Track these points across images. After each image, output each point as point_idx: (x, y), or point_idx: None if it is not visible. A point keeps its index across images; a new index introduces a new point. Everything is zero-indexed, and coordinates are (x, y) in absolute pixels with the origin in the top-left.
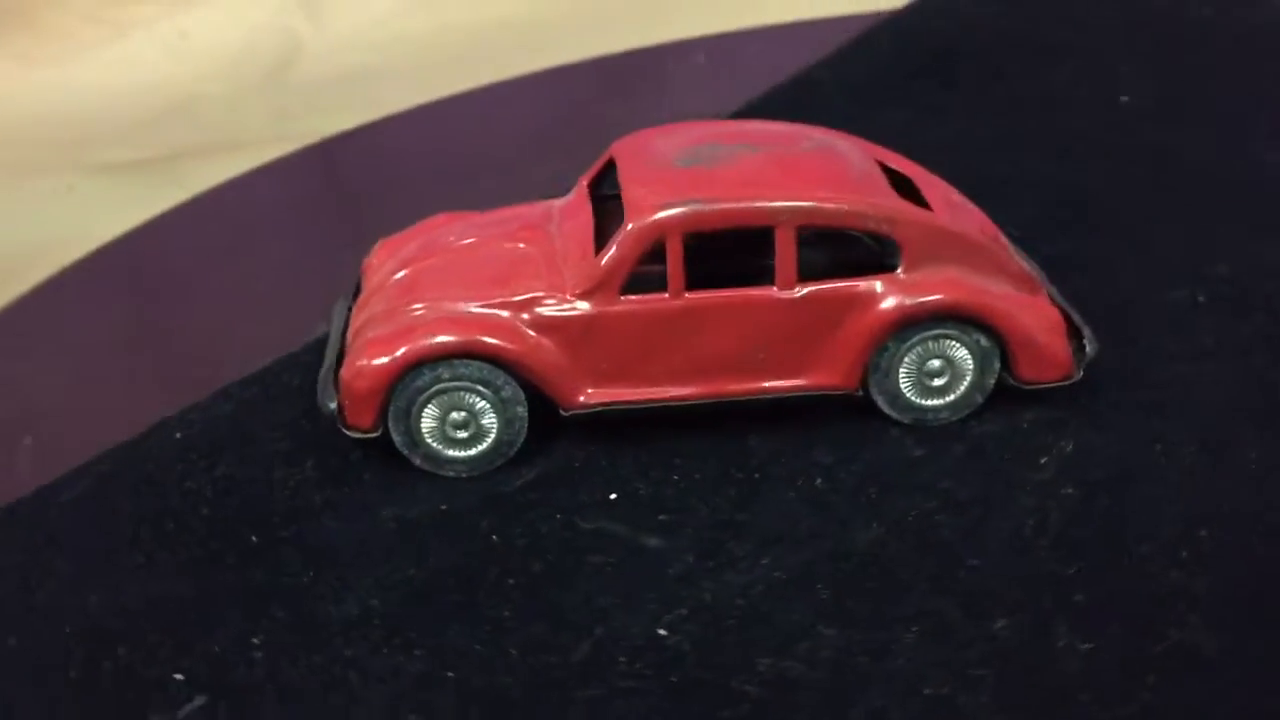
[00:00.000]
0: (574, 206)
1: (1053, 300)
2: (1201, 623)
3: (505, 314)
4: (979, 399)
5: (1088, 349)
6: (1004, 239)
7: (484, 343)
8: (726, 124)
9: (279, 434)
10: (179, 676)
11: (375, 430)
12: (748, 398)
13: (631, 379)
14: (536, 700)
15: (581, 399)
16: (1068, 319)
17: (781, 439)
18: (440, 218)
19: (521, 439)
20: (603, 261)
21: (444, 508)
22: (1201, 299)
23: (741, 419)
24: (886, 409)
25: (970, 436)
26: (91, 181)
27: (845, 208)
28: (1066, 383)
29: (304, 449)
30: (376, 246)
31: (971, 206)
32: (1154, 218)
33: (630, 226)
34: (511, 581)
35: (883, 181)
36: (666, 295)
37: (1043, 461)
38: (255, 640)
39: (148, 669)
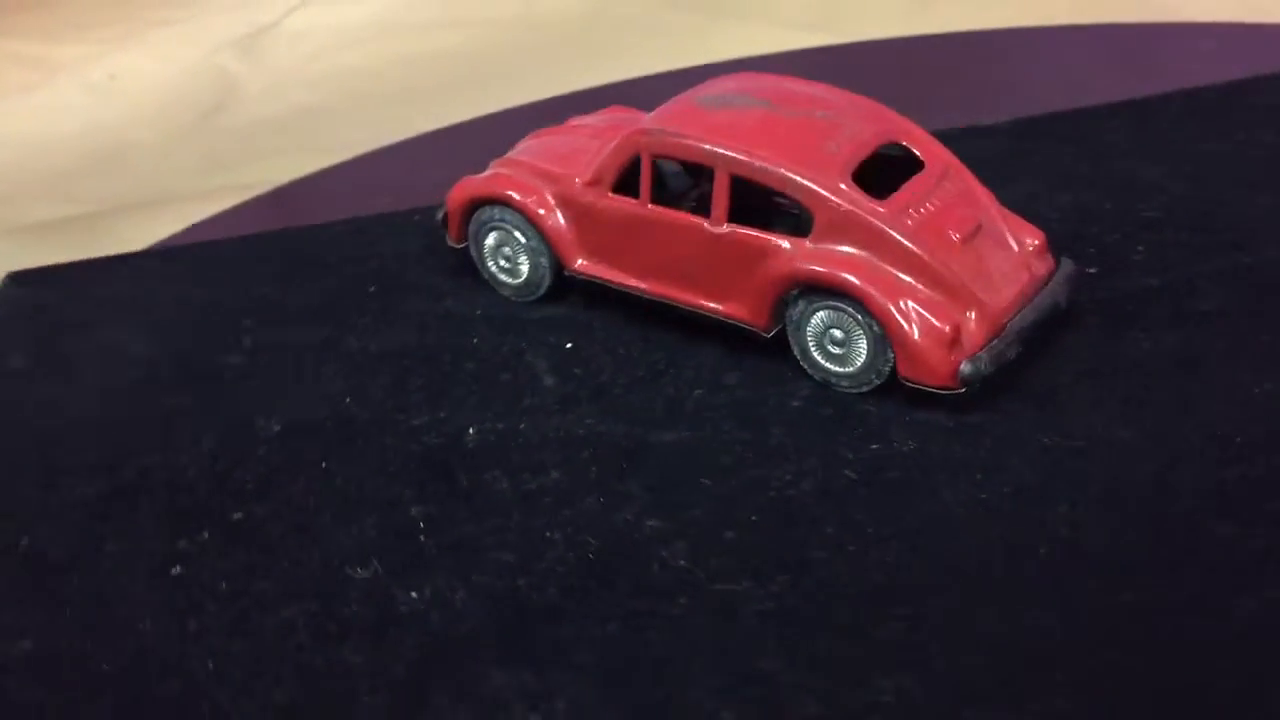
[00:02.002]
0: None
1: (1004, 318)
2: (679, 610)
3: (542, 183)
4: (875, 380)
5: (963, 369)
6: (969, 247)
7: (512, 198)
8: (793, 82)
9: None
10: (248, 321)
11: (461, 243)
12: (686, 308)
13: (609, 261)
14: (356, 430)
15: (576, 265)
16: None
17: (720, 356)
18: (612, 108)
19: (546, 283)
20: (597, 162)
21: (479, 312)
22: (1258, 390)
23: (720, 334)
24: (800, 360)
25: (848, 408)
26: (8, 244)
27: (767, 168)
28: (947, 393)
29: (453, 255)
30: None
31: (968, 207)
32: None
33: (616, 139)
34: (447, 369)
35: (845, 162)
36: (637, 202)
37: (872, 447)
38: (301, 341)
39: (248, 322)
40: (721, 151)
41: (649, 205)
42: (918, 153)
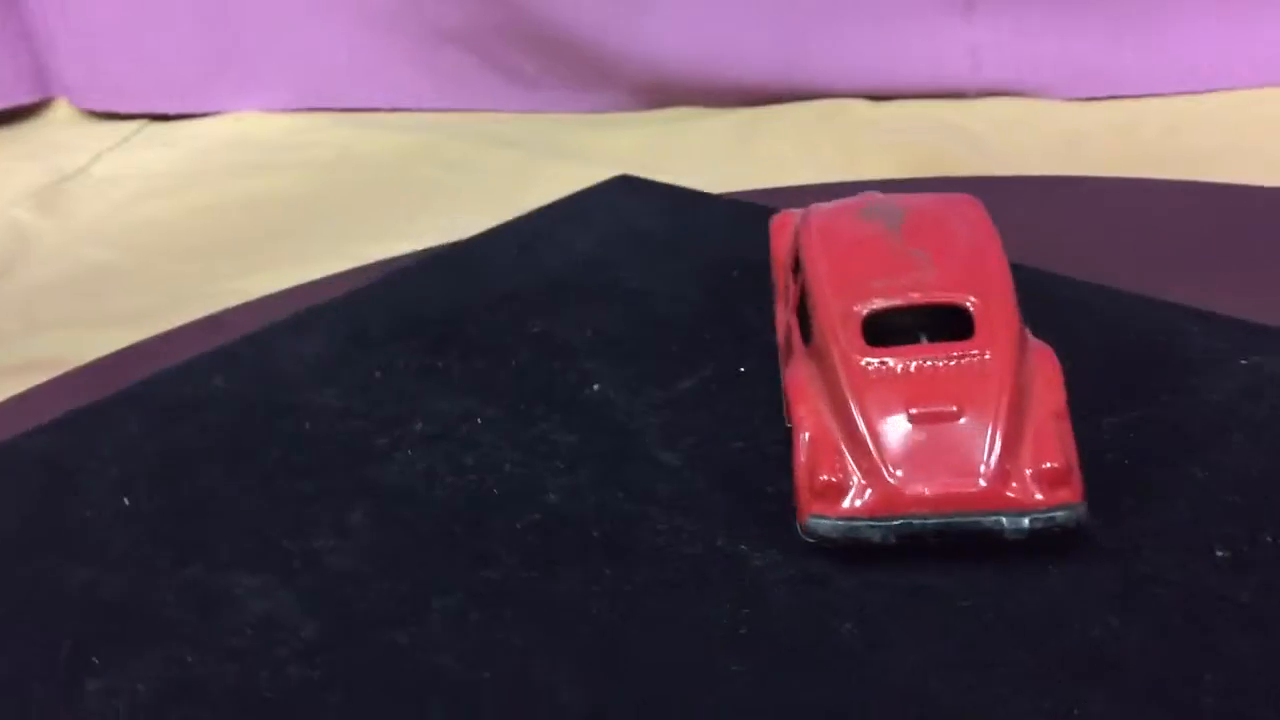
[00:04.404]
0: None
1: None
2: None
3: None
4: None
5: (808, 520)
6: (921, 428)
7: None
8: (958, 215)
9: None
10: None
11: None
12: None
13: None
14: (505, 400)
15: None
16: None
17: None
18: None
19: None
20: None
21: None
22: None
23: None
24: None
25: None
26: None
27: (812, 276)
28: (804, 538)
29: None
30: None
31: (963, 392)
32: None
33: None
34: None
35: (873, 299)
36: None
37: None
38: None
39: (574, 301)
40: (800, 248)
41: (788, 278)
42: (975, 321)
